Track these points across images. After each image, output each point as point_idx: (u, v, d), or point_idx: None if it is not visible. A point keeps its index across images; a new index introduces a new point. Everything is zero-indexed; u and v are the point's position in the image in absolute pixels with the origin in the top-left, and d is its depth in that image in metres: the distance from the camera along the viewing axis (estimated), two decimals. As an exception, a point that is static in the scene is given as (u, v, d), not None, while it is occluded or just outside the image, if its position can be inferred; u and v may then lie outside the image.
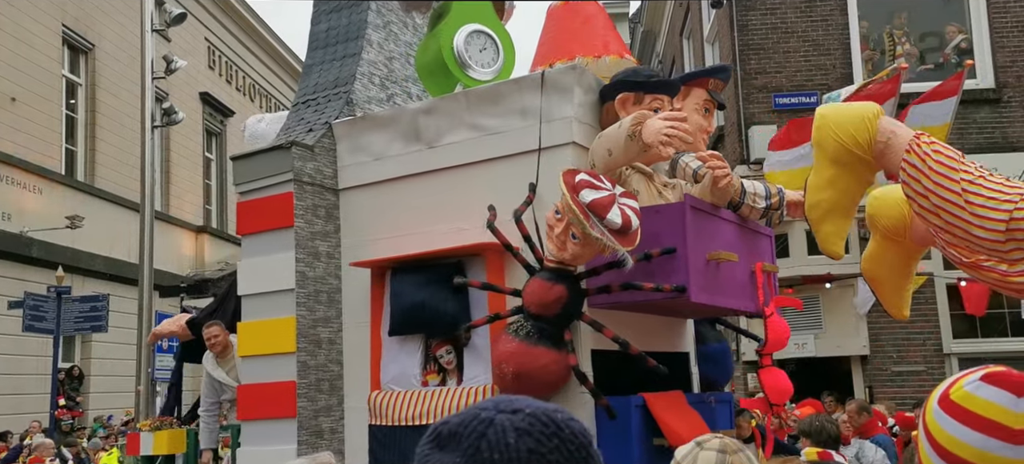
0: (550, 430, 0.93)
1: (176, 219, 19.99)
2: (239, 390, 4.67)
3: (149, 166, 16.31)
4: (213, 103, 21.30)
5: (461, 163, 4.46)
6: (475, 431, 0.93)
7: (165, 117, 18.08)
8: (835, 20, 14.88)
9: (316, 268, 4.63)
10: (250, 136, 5.59)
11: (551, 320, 3.86)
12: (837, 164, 3.16)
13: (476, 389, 4.21)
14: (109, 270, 18.18)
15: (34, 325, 15.59)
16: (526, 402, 0.99)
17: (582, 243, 3.63)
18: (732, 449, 2.04)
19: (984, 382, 1.29)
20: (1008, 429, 1.23)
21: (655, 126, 3.60)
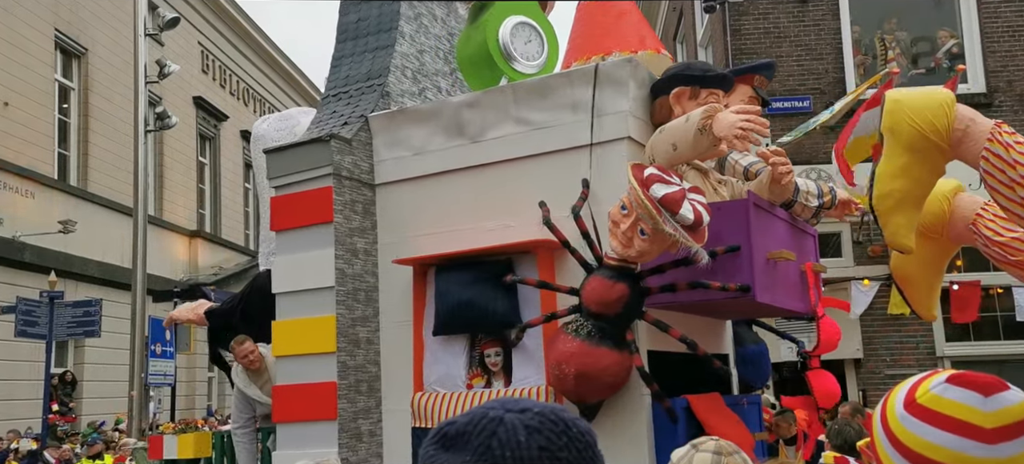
0: (559, 428, 0.92)
1: (169, 224, 19.55)
2: (275, 391, 4.40)
3: (142, 170, 15.95)
4: (206, 107, 20.88)
5: (507, 158, 4.23)
6: (485, 430, 0.90)
7: (158, 121, 17.72)
8: (827, 25, 14.78)
9: (354, 265, 4.38)
10: (254, 138, 5.37)
11: (611, 319, 3.64)
12: (911, 151, 2.95)
13: (529, 390, 3.97)
14: (102, 275, 17.75)
15: (27, 330, 15.17)
16: (531, 401, 0.97)
17: (651, 240, 3.41)
18: (727, 451, 1.96)
19: (951, 383, 1.27)
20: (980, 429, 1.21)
21: (728, 120, 3.40)
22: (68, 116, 18.15)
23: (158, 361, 17.59)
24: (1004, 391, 1.25)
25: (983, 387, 1.25)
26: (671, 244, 3.44)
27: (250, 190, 22.66)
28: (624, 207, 3.47)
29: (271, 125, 5.35)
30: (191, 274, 19.84)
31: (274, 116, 5.53)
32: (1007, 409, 1.23)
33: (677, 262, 3.54)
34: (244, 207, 22.21)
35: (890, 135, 3.06)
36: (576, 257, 3.78)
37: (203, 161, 20.97)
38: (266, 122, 5.41)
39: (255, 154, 5.39)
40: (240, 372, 5.21)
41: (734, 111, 3.47)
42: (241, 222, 21.94)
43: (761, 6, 14.58)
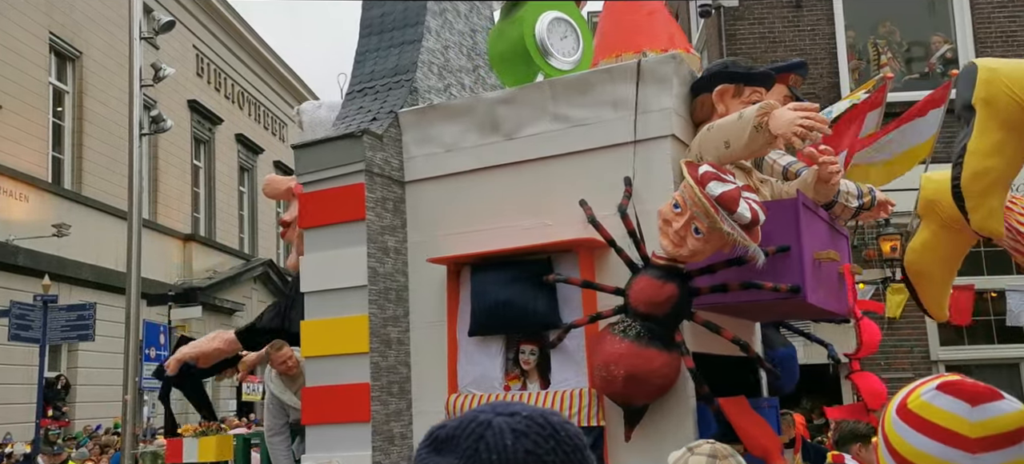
0: (547, 432, 0.91)
1: (164, 227, 19.24)
2: (304, 392, 4.21)
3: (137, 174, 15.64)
4: (201, 111, 20.57)
5: (544, 156, 4.07)
6: (473, 433, 0.90)
7: (153, 125, 17.43)
8: (822, 30, 14.75)
9: (385, 264, 4.20)
10: (309, 123, 5.06)
11: (660, 320, 3.49)
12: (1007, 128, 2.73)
13: (571, 393, 3.81)
14: (96, 278, 17.43)
15: (20, 334, 14.87)
16: (522, 405, 0.96)
17: (705, 239, 3.27)
18: (723, 454, 1.91)
19: (940, 391, 1.26)
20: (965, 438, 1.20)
21: (786, 117, 3.27)
22: (62, 119, 17.84)
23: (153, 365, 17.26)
24: (995, 401, 1.23)
25: (972, 396, 1.23)
26: (724, 243, 3.30)
27: (244, 193, 22.38)
28: (677, 205, 3.32)
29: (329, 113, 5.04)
30: (185, 278, 19.52)
31: (326, 103, 5.21)
32: (993, 419, 1.21)
33: (729, 262, 3.40)
34: (239, 211, 21.91)
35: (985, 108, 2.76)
36: (622, 257, 3.63)
37: (198, 164, 20.65)
38: (322, 109, 5.13)
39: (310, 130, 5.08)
40: (274, 378, 4.97)
41: (791, 108, 3.34)
42: (236, 226, 21.64)
43: (756, 11, 14.52)
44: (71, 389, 17.75)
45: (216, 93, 21.39)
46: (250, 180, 22.60)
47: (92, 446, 15.68)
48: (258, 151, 22.80)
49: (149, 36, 17.52)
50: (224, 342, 5.62)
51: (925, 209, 3.70)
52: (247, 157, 22.42)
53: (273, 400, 4.97)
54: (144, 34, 17.31)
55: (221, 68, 21.69)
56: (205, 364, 5.63)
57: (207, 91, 20.99)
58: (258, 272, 21.18)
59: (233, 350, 5.66)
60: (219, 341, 5.65)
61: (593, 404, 3.75)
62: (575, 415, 3.75)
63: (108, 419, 17.35)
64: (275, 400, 4.95)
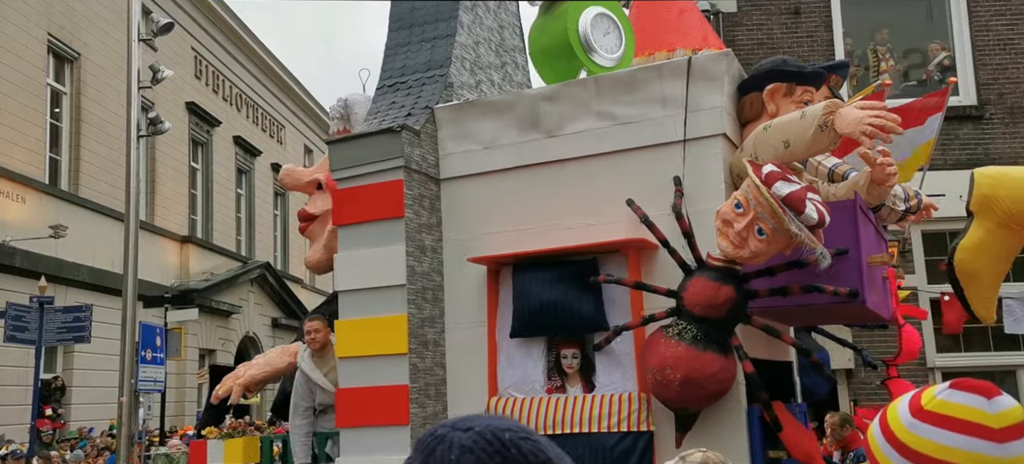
0: (494, 448, 0.90)
1: (161, 229, 18.90)
2: (338, 394, 4.03)
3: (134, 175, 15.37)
4: (199, 113, 20.25)
5: (588, 154, 3.92)
6: (427, 447, 0.92)
7: (151, 126, 17.12)
8: (820, 36, 14.65)
9: (423, 263, 4.03)
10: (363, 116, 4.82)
11: (716, 323, 3.34)
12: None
13: (619, 396, 3.65)
14: (93, 280, 17.10)
15: (16, 335, 14.56)
16: (482, 421, 0.94)
17: (769, 240, 3.12)
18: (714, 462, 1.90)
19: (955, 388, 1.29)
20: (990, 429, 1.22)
21: (854, 115, 3.12)
22: (60, 120, 17.51)
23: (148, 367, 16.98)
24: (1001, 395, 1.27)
25: (986, 391, 1.26)
26: (787, 245, 3.16)
27: (242, 196, 22.05)
28: (739, 205, 3.17)
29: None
30: (182, 280, 19.19)
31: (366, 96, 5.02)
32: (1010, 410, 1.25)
33: (789, 264, 3.25)
34: (236, 213, 21.59)
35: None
36: (675, 258, 3.48)
37: (195, 166, 20.32)
38: None
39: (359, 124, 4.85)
40: (306, 356, 4.72)
41: (858, 106, 3.20)
42: (233, 228, 21.32)
43: (755, 17, 14.43)
44: (67, 391, 17.44)
45: (214, 95, 21.07)
46: (247, 182, 22.30)
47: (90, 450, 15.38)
48: (256, 153, 22.49)
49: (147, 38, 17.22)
50: (293, 355, 5.18)
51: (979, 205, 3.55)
52: (245, 159, 22.11)
53: (301, 379, 4.70)
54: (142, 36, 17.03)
55: (219, 70, 21.39)
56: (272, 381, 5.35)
57: (205, 93, 20.68)
58: (255, 274, 20.85)
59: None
60: (290, 355, 5.25)
61: (642, 408, 3.59)
62: (624, 420, 3.59)
63: (103, 421, 17.04)
64: (304, 378, 4.68)
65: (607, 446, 3.55)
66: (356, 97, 5.23)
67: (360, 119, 5.09)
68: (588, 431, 3.62)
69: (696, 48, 4.51)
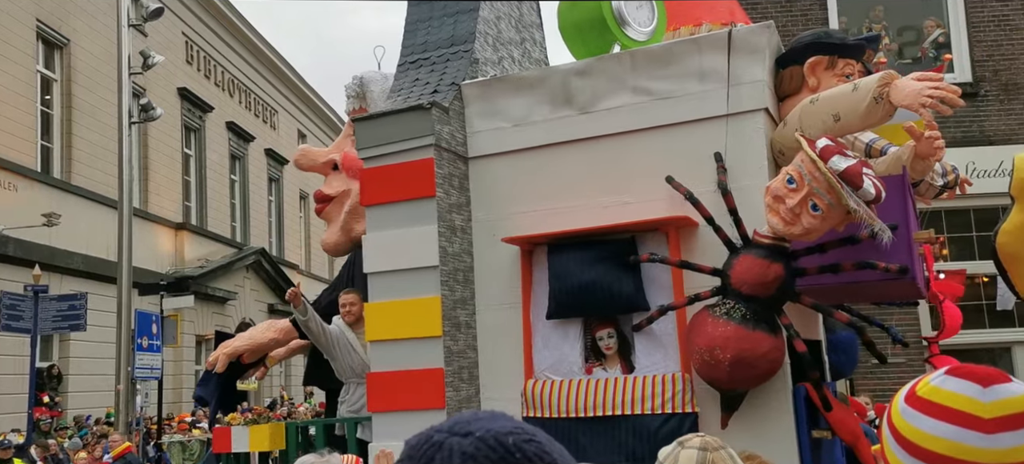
0: (497, 454, 0.83)
1: (155, 216, 18.60)
2: (369, 378, 3.88)
3: (127, 163, 15.13)
4: (191, 98, 19.91)
5: (623, 130, 3.78)
6: (425, 455, 0.85)
7: (143, 113, 16.82)
8: (815, 14, 14.53)
9: (454, 244, 3.88)
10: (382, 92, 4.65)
11: (765, 302, 3.22)
12: None
13: (663, 377, 3.53)
14: (87, 268, 16.83)
15: (11, 324, 14.32)
16: (482, 425, 0.87)
17: (824, 216, 2.99)
18: (713, 446, 1.87)
19: (950, 375, 1.23)
20: (979, 419, 1.17)
21: (912, 87, 3.00)
22: (51, 108, 17.16)
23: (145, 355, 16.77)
24: (1004, 383, 1.20)
25: (982, 378, 1.20)
26: (840, 221, 3.04)
27: (236, 182, 21.74)
28: (792, 180, 3.04)
29: None
30: (177, 267, 18.90)
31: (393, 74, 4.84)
32: (1006, 400, 1.18)
33: (843, 240, 3.13)
34: (230, 199, 21.29)
35: None
36: (720, 235, 3.36)
37: (188, 153, 19.98)
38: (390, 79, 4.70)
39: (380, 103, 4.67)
40: (341, 322, 4.58)
41: (915, 78, 3.07)
42: (227, 214, 21.02)
43: (749, -3, 14.30)
44: (63, 379, 17.21)
45: (206, 81, 20.71)
46: (241, 168, 21.98)
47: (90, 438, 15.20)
48: (249, 139, 22.16)
49: (137, 23, 16.87)
50: (279, 331, 5.25)
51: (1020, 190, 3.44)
52: (238, 145, 21.79)
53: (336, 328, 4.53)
54: (132, 21, 16.69)
55: (211, 55, 21.02)
56: (251, 358, 5.26)
57: (197, 79, 20.32)
58: (250, 261, 20.58)
59: (289, 339, 5.30)
60: (274, 331, 5.27)
61: (686, 389, 3.47)
62: (668, 402, 3.48)
63: (100, 409, 16.83)
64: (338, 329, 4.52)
65: (650, 428, 3.43)
66: (371, 75, 5.06)
67: (375, 96, 4.93)
68: (630, 413, 3.50)
69: (724, 23, 4.37)
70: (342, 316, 4.59)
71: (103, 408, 16.81)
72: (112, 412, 16.06)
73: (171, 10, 18.41)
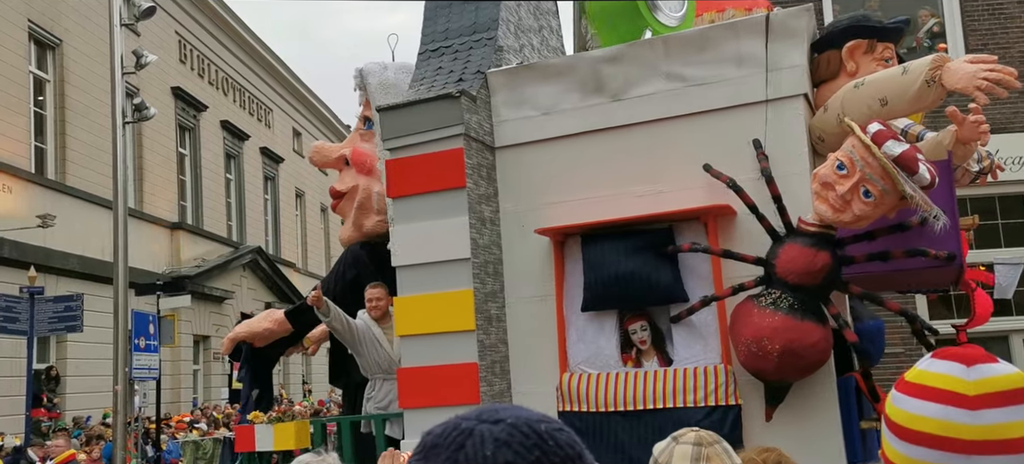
0: (532, 441, 0.81)
1: (150, 216, 18.34)
2: (400, 374, 3.75)
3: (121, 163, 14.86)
4: (185, 98, 19.64)
5: (657, 118, 3.66)
6: (454, 442, 0.81)
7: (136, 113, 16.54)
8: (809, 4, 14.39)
9: (484, 235, 3.76)
10: (379, 84, 4.52)
11: (811, 291, 3.11)
12: None
13: (705, 369, 3.41)
14: (83, 269, 16.58)
15: (7, 326, 14.09)
16: (511, 412, 0.85)
17: (876, 202, 2.88)
18: (708, 441, 1.84)
19: (935, 358, 1.25)
20: (964, 397, 1.18)
21: (966, 70, 2.89)
22: (44, 108, 16.88)
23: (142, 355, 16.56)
24: (988, 362, 1.21)
25: (966, 358, 1.21)
26: (891, 208, 2.93)
27: (231, 180, 21.48)
28: (842, 166, 2.93)
29: (398, 75, 4.51)
30: (173, 267, 18.65)
31: (392, 65, 4.68)
32: (990, 378, 1.19)
33: (893, 227, 3.03)
34: (226, 198, 21.02)
35: None
36: (764, 224, 3.24)
37: (183, 152, 19.71)
38: (390, 71, 4.59)
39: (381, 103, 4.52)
40: (367, 317, 4.42)
41: (968, 61, 2.96)
42: (223, 213, 20.75)
43: (743, -12, 14.17)
44: (61, 380, 16.98)
45: (200, 79, 20.43)
46: (236, 167, 21.70)
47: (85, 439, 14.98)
48: (244, 137, 21.89)
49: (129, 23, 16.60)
50: (274, 321, 5.25)
51: None
52: (233, 144, 21.51)
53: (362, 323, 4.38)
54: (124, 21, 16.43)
55: (204, 54, 20.73)
56: (260, 343, 5.19)
57: (191, 78, 20.04)
58: (247, 259, 20.33)
59: (284, 330, 5.22)
60: (269, 321, 5.29)
61: (729, 382, 3.36)
62: (711, 394, 3.36)
63: (99, 410, 16.62)
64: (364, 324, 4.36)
65: (693, 422, 3.30)
66: (371, 66, 4.91)
67: (373, 88, 4.78)
68: (672, 406, 3.39)
69: (747, 8, 4.26)
70: (368, 311, 4.44)
71: (101, 409, 16.60)
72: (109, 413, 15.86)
73: (164, 9, 18.15)
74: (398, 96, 4.42)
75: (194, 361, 18.75)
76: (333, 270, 5.35)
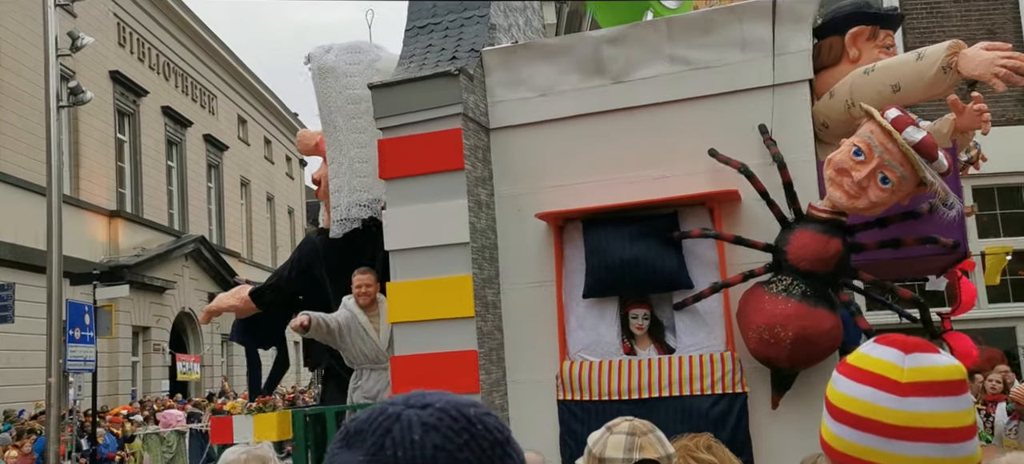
0: (460, 425, 0.79)
1: (86, 203, 17.48)
2: (394, 362, 3.55)
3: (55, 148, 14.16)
4: (124, 82, 18.77)
5: (660, 101, 3.54)
6: (380, 427, 0.79)
7: (72, 97, 15.79)
8: None
9: (481, 219, 3.58)
10: (320, 70, 4.30)
11: (822, 278, 3.04)
12: None
13: (711, 356, 3.32)
14: (14, 257, 15.72)
15: (-66, 317, 13.29)
16: (438, 397, 0.83)
17: (893, 189, 2.82)
18: (641, 431, 1.84)
19: (876, 342, 1.27)
20: (896, 383, 1.19)
21: (983, 57, 2.85)
22: (-27, 90, 15.96)
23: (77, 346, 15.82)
24: (927, 352, 1.22)
25: (904, 345, 1.23)
26: (907, 195, 2.88)
27: (173, 168, 20.67)
28: (859, 152, 2.85)
29: (339, 57, 4.30)
30: (111, 256, 17.86)
31: (337, 46, 4.45)
32: (924, 368, 1.20)
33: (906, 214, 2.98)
34: (167, 186, 20.20)
35: None
36: (773, 210, 3.15)
37: (122, 138, 18.85)
38: (331, 53, 4.36)
39: (323, 89, 4.29)
40: (352, 305, 4.14)
41: (984, 48, 2.92)
42: (165, 201, 19.93)
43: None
44: (-10, 373, 16.08)
45: (140, 64, 19.55)
46: (178, 154, 20.86)
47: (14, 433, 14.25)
48: (186, 124, 21.04)
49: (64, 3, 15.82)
50: (240, 300, 5.05)
51: None
52: (175, 130, 20.67)
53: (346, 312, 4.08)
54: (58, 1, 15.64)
55: (144, 38, 19.86)
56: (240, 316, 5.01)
57: (130, 62, 19.16)
58: (190, 249, 19.57)
59: (248, 309, 4.99)
60: (235, 299, 5.09)
61: (735, 369, 3.27)
62: (718, 382, 3.26)
63: (32, 403, 15.83)
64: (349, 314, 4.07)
65: (700, 410, 3.21)
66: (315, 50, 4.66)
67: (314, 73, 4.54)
68: (677, 394, 3.28)
69: (735, -3, 4.18)
70: (356, 297, 4.18)
71: (34, 402, 15.81)
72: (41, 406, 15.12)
73: (101, -11, 17.35)
74: (338, 79, 4.23)
75: (133, 353, 18.00)
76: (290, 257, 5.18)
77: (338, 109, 4.24)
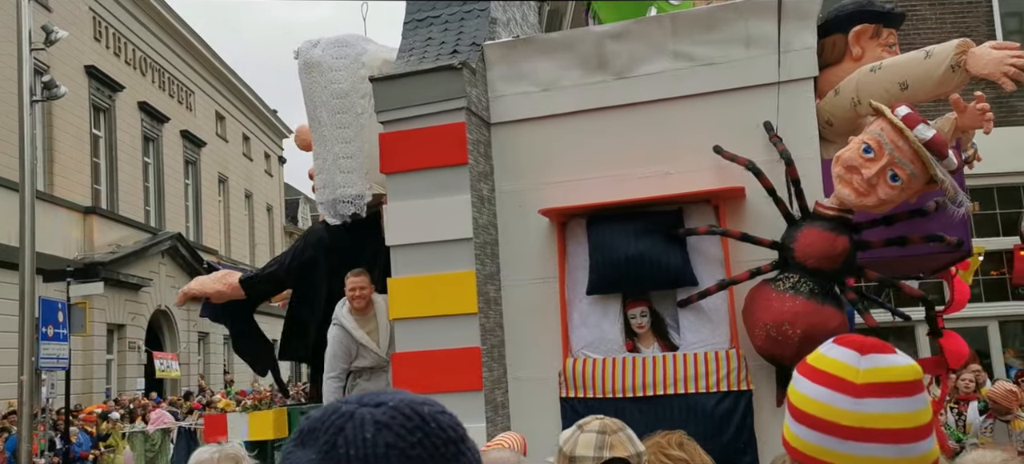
0: (413, 423, 0.79)
1: (61, 200, 17.13)
2: (396, 359, 3.48)
3: (28, 143, 13.87)
4: (100, 77, 18.41)
5: (664, 97, 3.51)
6: (333, 426, 0.79)
7: (46, 91, 15.48)
8: None
9: (483, 214, 3.53)
10: (306, 64, 4.21)
11: (829, 275, 3.02)
12: None
13: (716, 354, 3.29)
14: (-14, 253, 15.43)
15: (-97, 313, 12.95)
16: (393, 395, 0.83)
17: (903, 187, 2.82)
18: (612, 429, 1.85)
19: (834, 343, 1.27)
20: (851, 384, 1.20)
21: (992, 56, 2.86)
22: (-56, 83, 15.58)
23: (50, 344, 15.52)
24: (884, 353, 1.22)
25: (861, 346, 1.22)
26: (916, 192, 2.87)
27: (150, 164, 20.32)
28: (869, 149, 2.84)
29: (326, 52, 4.21)
30: (86, 252, 17.51)
31: (325, 40, 4.35)
32: (880, 369, 1.20)
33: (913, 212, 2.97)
34: (143, 182, 19.85)
35: None
36: (780, 207, 3.14)
37: (98, 134, 18.50)
38: (318, 48, 4.27)
39: (308, 83, 4.20)
40: (347, 314, 4.01)
41: (993, 47, 2.93)
42: (141, 198, 19.58)
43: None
44: (-40, 372, 15.74)
45: (116, 58, 19.19)
46: (155, 150, 20.52)
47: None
48: (163, 120, 20.69)
49: (39, -4, 15.52)
50: (227, 285, 4.92)
51: None
52: (152, 126, 20.33)
53: (340, 336, 3.95)
54: (33, -7, 15.33)
55: (121, 32, 19.49)
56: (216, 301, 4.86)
57: (106, 56, 18.80)
58: (166, 246, 19.24)
59: (236, 294, 4.88)
60: (221, 283, 4.96)
61: (741, 367, 3.25)
62: (723, 380, 3.24)
63: (2, 402, 15.53)
64: (342, 336, 3.93)
65: (705, 407, 3.19)
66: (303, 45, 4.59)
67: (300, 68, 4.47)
68: (682, 392, 3.25)
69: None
70: (350, 300, 4.04)
71: (5, 401, 15.49)
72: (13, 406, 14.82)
73: (77, -17, 17.01)
74: (323, 73, 4.16)
75: (107, 351, 17.69)
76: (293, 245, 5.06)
77: (323, 104, 4.16)
